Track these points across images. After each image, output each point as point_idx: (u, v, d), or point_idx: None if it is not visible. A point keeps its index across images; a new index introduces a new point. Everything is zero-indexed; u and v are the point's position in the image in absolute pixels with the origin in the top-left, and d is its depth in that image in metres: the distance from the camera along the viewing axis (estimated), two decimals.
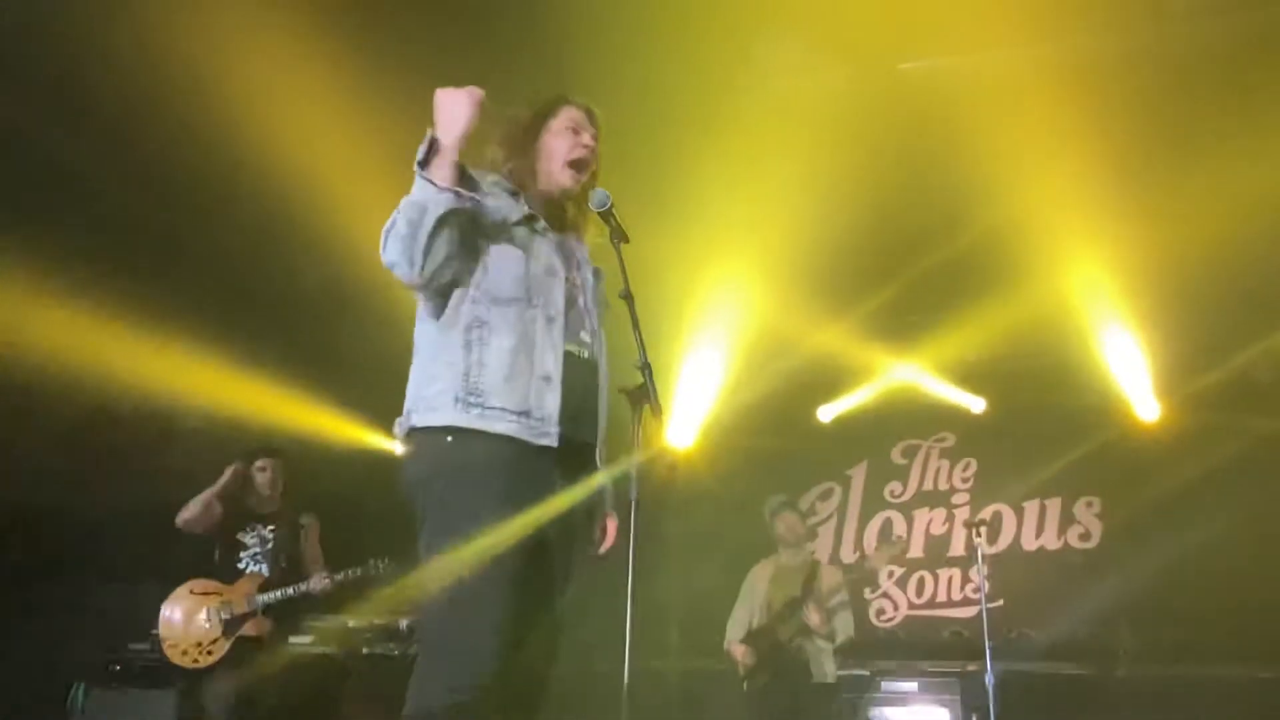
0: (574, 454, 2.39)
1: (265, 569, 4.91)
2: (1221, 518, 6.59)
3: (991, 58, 4.95)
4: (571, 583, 2.43)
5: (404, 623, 6.59)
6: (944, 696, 5.75)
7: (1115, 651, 6.14)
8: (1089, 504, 7.29)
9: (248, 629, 4.75)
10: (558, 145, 2.58)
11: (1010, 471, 7.48)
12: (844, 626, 5.38)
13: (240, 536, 4.96)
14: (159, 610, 4.84)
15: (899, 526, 7.64)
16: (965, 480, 7.65)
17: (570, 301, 2.47)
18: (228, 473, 5.01)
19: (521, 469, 2.24)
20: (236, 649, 4.70)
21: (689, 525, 7.34)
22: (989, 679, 4.91)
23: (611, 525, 2.58)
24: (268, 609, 4.81)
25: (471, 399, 2.25)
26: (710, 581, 6.12)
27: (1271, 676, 6.16)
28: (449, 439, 2.24)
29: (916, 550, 7.57)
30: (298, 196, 5.05)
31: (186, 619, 4.74)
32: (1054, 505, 7.35)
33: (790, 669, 5.24)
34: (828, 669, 5.27)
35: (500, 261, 2.37)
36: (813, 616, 5.21)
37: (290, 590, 4.82)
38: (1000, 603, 7.00)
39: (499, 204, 2.45)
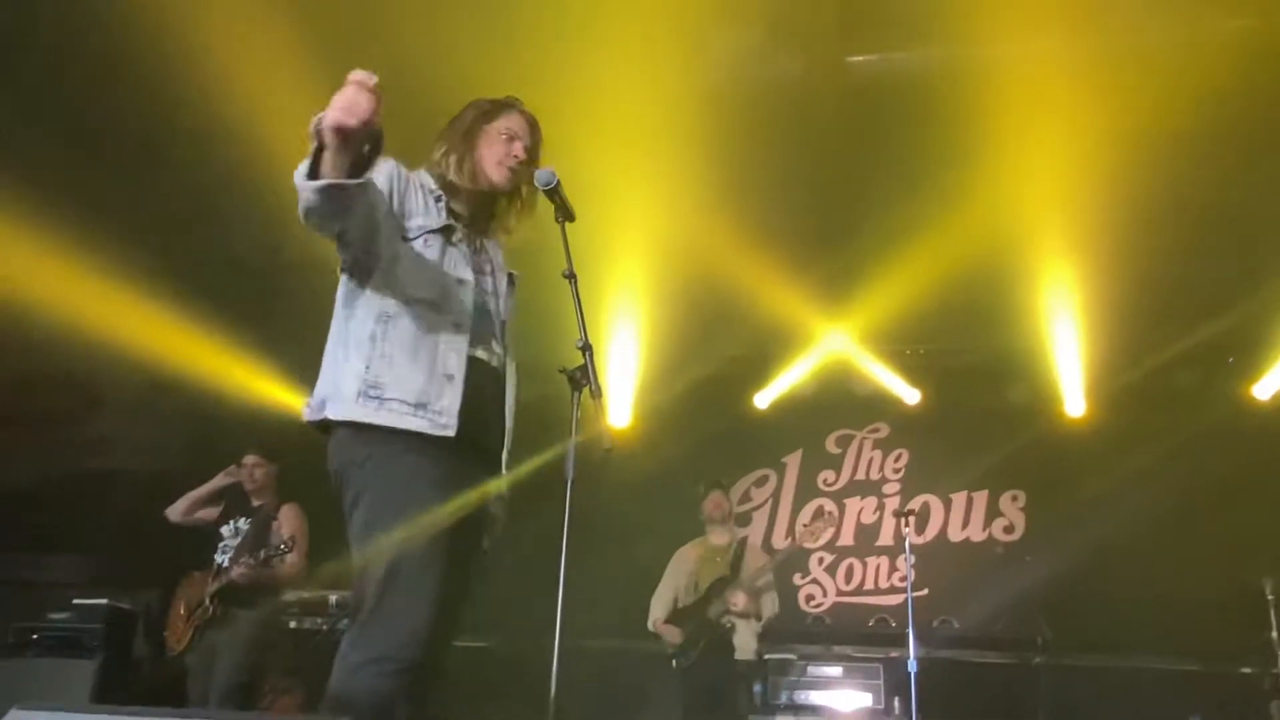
0: (477, 456, 2.45)
1: (228, 560, 4.98)
2: (1141, 515, 6.83)
3: (942, 52, 5.05)
4: (471, 581, 2.47)
5: (333, 598, 6.53)
6: (867, 681, 5.89)
7: (1033, 641, 6.34)
8: (1014, 497, 7.49)
9: (197, 617, 4.94)
10: (490, 152, 2.60)
11: (940, 463, 7.65)
12: (769, 606, 5.52)
13: (222, 529, 5.13)
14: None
15: (830, 514, 7.76)
16: (896, 471, 7.79)
17: (479, 309, 2.50)
18: (219, 478, 5.22)
19: (427, 459, 2.30)
20: (195, 638, 4.92)
21: (624, 507, 7.37)
22: (911, 665, 5.03)
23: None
24: (217, 596, 4.90)
25: (371, 391, 2.30)
26: (645, 562, 6.15)
27: (1185, 669, 6.42)
28: (355, 432, 2.31)
29: (847, 539, 7.70)
30: (236, 156, 4.93)
31: (172, 611, 5.11)
32: (981, 498, 7.53)
33: (716, 647, 5.35)
34: (751, 647, 5.39)
35: (412, 262, 2.41)
36: (738, 597, 5.34)
37: (230, 577, 4.86)
38: (925, 591, 7.16)
39: (419, 205, 2.48)
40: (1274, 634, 5.43)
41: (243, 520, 5.16)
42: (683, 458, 7.45)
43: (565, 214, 2.78)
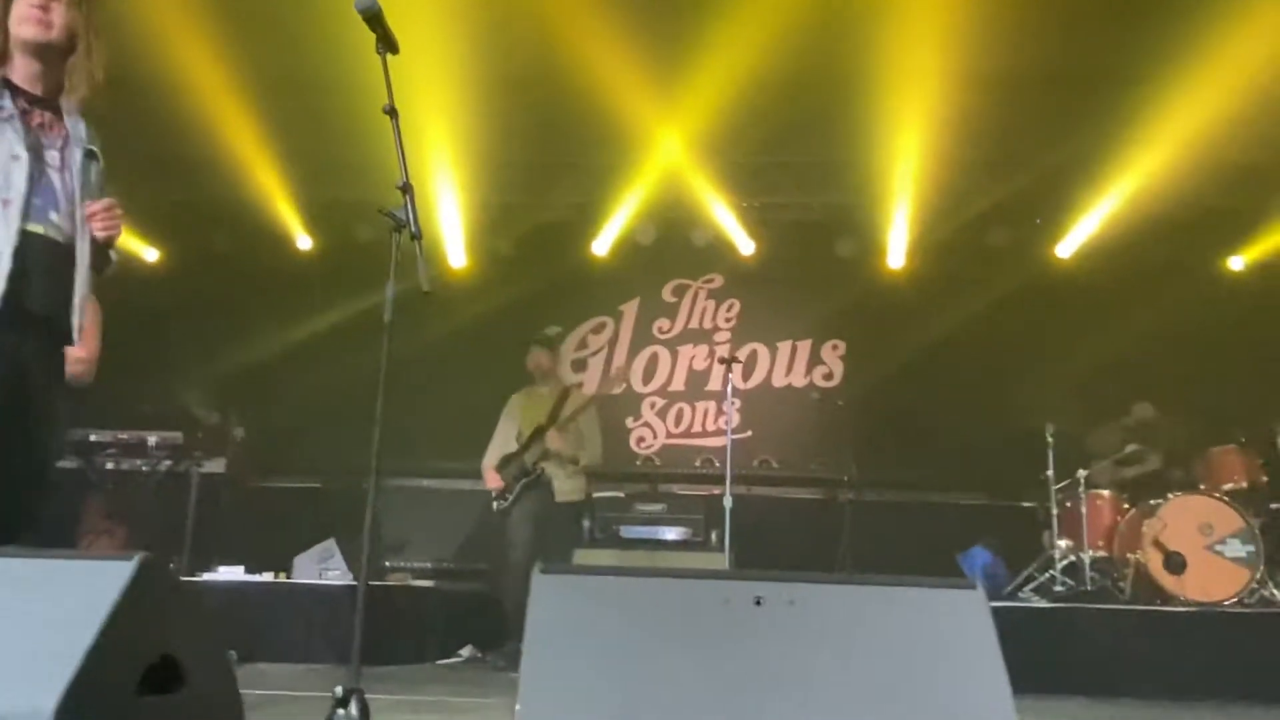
0: (33, 325, 2.46)
1: None
2: (946, 365, 7.37)
3: None
4: (39, 436, 2.53)
5: (153, 439, 6.33)
6: (689, 516, 6.26)
7: (841, 479, 6.85)
8: (834, 346, 7.90)
9: None
10: (16, 8, 2.50)
11: (769, 314, 7.95)
12: (590, 449, 5.70)
13: None
14: None
15: (664, 361, 7.99)
16: (728, 320, 8.05)
17: (36, 184, 2.46)
18: None
19: None
20: None
21: (459, 351, 7.38)
22: (727, 500, 5.36)
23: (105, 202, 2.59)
24: None
25: None
26: (478, 405, 6.22)
27: (974, 503, 7.12)
28: None
29: (679, 384, 7.97)
30: None
31: None
32: (804, 346, 7.90)
33: (533, 490, 5.54)
34: (571, 488, 5.59)
35: None
36: (554, 440, 5.50)
37: None
38: (749, 434, 7.56)
39: None
40: (1049, 472, 6.02)
41: None
42: (521, 303, 7.46)
43: (387, 45, 2.67)
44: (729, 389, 5.68)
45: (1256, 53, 5.56)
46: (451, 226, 7.64)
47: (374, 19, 2.62)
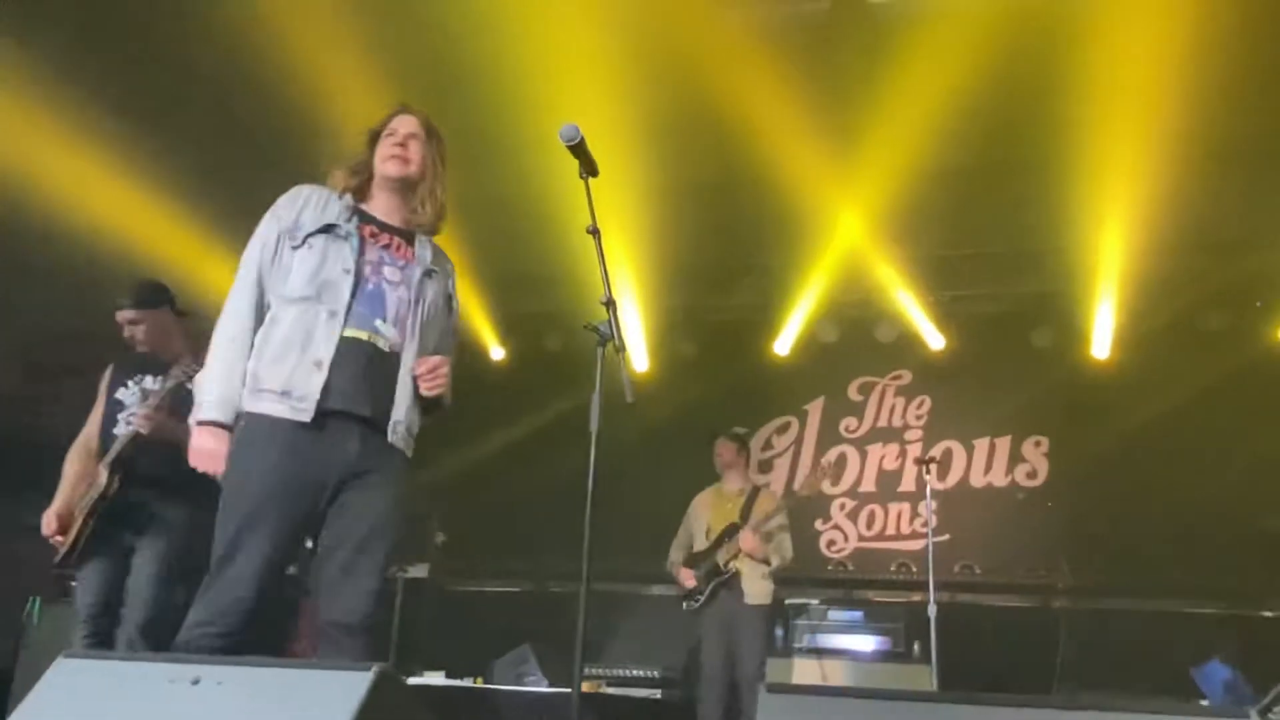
0: (349, 427, 2.61)
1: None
2: (1161, 458, 6.83)
3: None
4: (384, 530, 2.61)
5: None
6: (887, 625, 5.97)
7: (1054, 585, 6.40)
8: (1037, 443, 7.48)
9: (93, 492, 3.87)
10: (381, 149, 2.85)
11: (963, 410, 7.65)
12: (780, 550, 5.56)
13: (120, 396, 4.07)
14: None
15: (853, 461, 7.80)
16: (919, 418, 7.80)
17: (361, 295, 2.68)
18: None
19: (284, 439, 2.53)
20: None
21: (647, 455, 7.45)
22: (931, 610, 5.09)
23: (432, 361, 2.77)
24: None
25: (250, 382, 2.60)
26: (665, 510, 6.23)
27: (1206, 612, 6.47)
28: (241, 422, 2.59)
29: (869, 485, 7.74)
30: None
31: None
32: (1003, 443, 7.53)
33: (725, 590, 5.44)
34: (760, 591, 5.45)
35: (299, 266, 2.67)
36: (747, 540, 5.39)
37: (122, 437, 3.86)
38: (947, 537, 7.21)
39: (312, 217, 2.74)
40: None
41: (149, 379, 4.02)
42: (702, 405, 7.49)
43: (588, 169, 2.81)
44: (928, 489, 5.46)
45: None
46: (634, 330, 7.84)
47: (576, 148, 2.77)
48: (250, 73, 5.23)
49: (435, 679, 5.82)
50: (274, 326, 2.62)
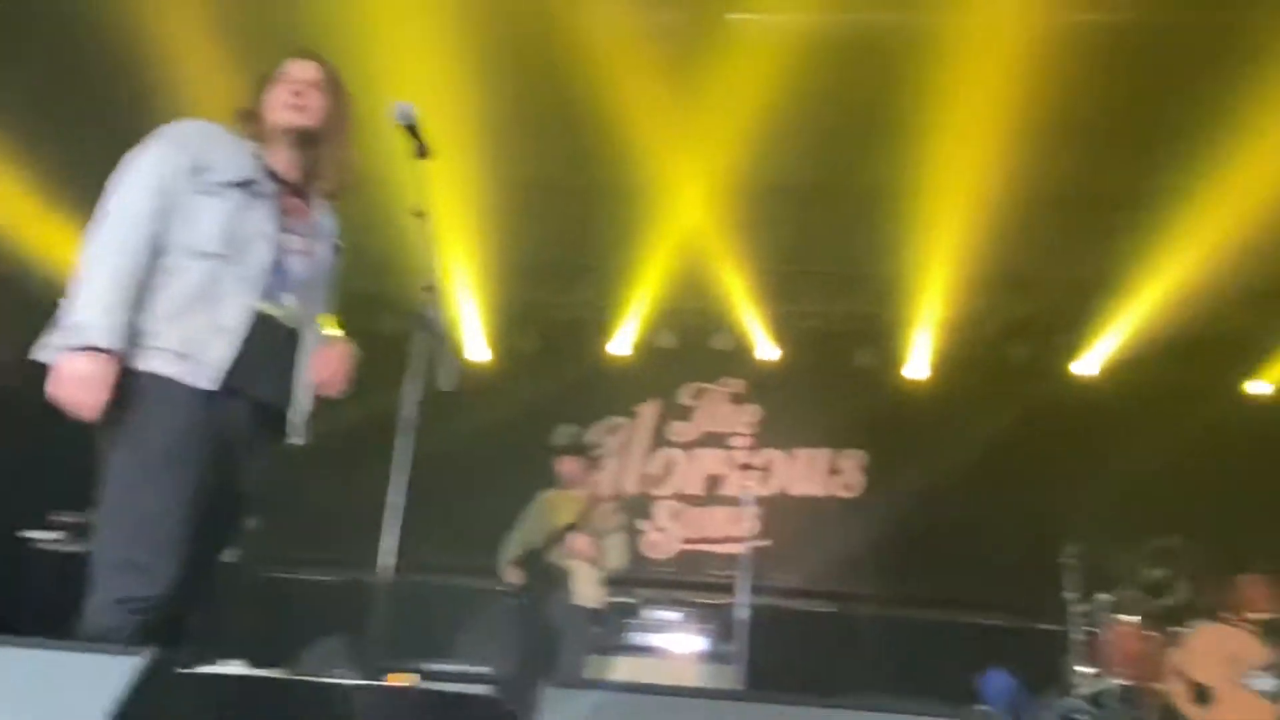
0: (242, 406, 2.40)
1: None
2: (964, 479, 7.27)
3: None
4: (231, 529, 2.51)
5: None
6: (704, 626, 6.11)
7: (860, 594, 6.70)
8: (854, 457, 7.83)
9: None
10: (274, 95, 2.54)
11: (788, 420, 7.92)
12: (615, 555, 5.59)
13: None
14: None
15: (680, 465, 7.94)
16: (747, 425, 8.02)
17: (278, 264, 2.45)
18: None
19: (183, 404, 2.28)
20: None
21: (479, 447, 7.36)
22: (744, 612, 5.23)
23: (334, 365, 2.61)
24: None
25: (138, 339, 2.27)
26: (495, 505, 6.16)
27: (992, 624, 6.91)
28: (125, 380, 2.25)
29: (695, 488, 7.90)
30: None
31: None
32: (823, 455, 7.84)
33: (552, 591, 5.43)
34: (590, 593, 5.47)
35: (209, 216, 2.37)
36: (578, 542, 5.40)
37: None
38: (768, 543, 7.43)
39: (227, 163, 2.43)
40: (1071, 595, 5.86)
41: None
42: (538, 400, 7.47)
43: (422, 151, 2.75)
44: (749, 496, 5.61)
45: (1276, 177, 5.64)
46: (473, 322, 7.73)
47: (411, 129, 2.71)
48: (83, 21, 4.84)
49: (234, 668, 5.55)
50: (173, 277, 2.31)
